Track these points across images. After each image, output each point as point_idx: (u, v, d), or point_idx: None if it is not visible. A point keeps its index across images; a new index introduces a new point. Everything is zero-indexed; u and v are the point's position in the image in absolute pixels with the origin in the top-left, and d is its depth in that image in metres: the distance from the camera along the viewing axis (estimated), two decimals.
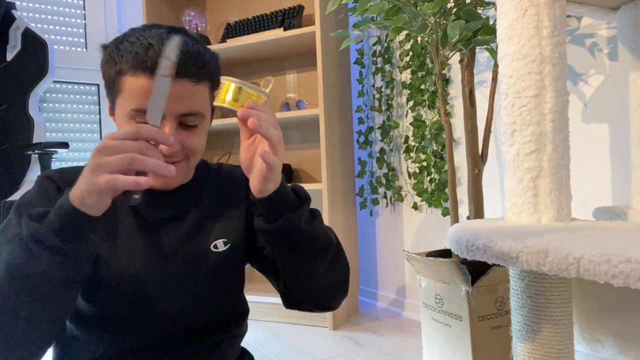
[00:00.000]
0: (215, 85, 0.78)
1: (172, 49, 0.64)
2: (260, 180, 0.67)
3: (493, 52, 1.35)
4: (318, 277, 0.77)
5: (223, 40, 2.24)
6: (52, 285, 0.61)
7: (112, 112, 0.77)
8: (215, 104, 0.66)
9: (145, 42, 0.70)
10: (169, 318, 0.77)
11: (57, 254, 0.59)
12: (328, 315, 1.95)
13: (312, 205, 0.78)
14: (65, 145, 2.00)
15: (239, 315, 0.87)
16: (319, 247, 0.75)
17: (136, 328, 0.76)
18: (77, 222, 0.59)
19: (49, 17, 2.49)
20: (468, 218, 1.39)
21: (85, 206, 0.58)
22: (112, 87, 0.74)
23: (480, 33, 1.22)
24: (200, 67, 0.72)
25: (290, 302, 0.84)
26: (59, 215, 0.59)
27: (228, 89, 0.66)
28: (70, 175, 0.77)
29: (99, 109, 2.60)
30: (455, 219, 1.36)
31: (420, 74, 2.02)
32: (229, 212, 0.84)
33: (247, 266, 0.90)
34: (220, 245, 0.82)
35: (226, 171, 0.89)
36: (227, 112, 0.71)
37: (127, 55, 0.71)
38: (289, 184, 0.74)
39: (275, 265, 0.83)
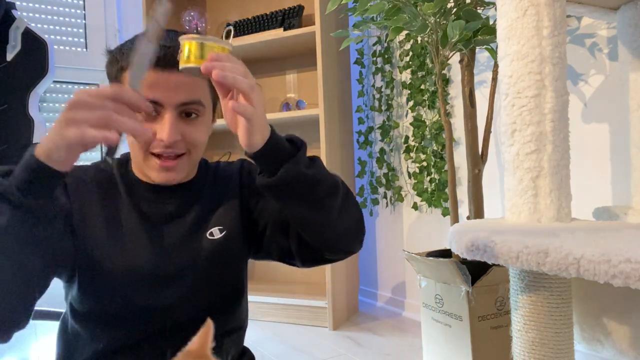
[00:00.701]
0: None
1: (162, 13, 0.62)
2: (245, 134, 0.65)
3: (493, 52, 1.35)
4: (332, 222, 0.75)
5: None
6: (15, 242, 0.59)
7: None
8: (180, 66, 0.64)
9: None
10: (170, 308, 0.78)
11: (18, 208, 0.58)
12: (328, 315, 1.95)
13: None
14: None
15: (236, 297, 0.87)
16: (325, 189, 0.73)
17: (139, 321, 0.78)
18: (40, 175, 0.58)
19: (49, 17, 2.49)
20: (468, 218, 1.39)
21: (51, 160, 0.57)
22: (115, 84, 0.76)
23: (480, 33, 1.22)
24: None
25: (308, 258, 0.82)
26: (23, 169, 0.58)
27: (190, 48, 0.63)
28: (76, 169, 0.80)
29: None
30: (455, 219, 1.36)
31: (420, 74, 2.01)
32: (224, 204, 0.85)
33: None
34: (216, 232, 0.82)
35: (222, 168, 0.91)
36: (195, 74, 0.69)
37: (128, 53, 0.73)
38: (285, 135, 0.72)
39: (281, 239, 0.83)
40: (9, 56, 2.17)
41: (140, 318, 0.77)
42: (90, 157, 2.44)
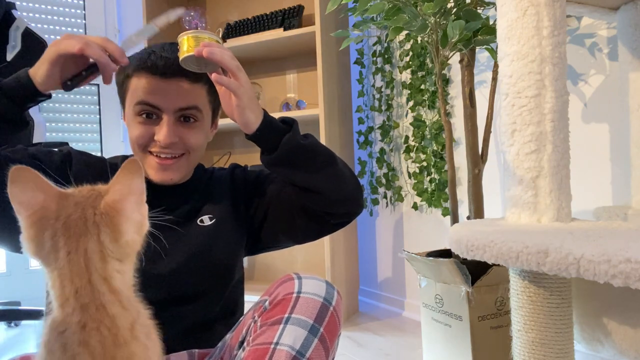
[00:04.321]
0: (213, 87, 0.84)
1: (174, 15, 0.79)
2: (238, 112, 0.75)
3: (493, 52, 1.35)
4: (334, 186, 0.84)
5: (223, 40, 2.24)
6: None
7: (124, 115, 0.86)
8: (180, 59, 0.74)
9: (149, 50, 0.81)
10: (160, 279, 0.81)
11: None
12: None
13: None
14: (65, 145, 2.00)
15: (226, 279, 0.90)
16: (323, 158, 0.83)
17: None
18: (22, 83, 0.69)
19: (49, 17, 2.49)
20: (468, 218, 1.39)
21: (36, 75, 0.69)
22: (121, 91, 0.84)
23: (480, 33, 1.22)
24: None
25: (314, 229, 0.90)
26: (13, 76, 0.70)
27: (186, 41, 0.74)
28: (82, 155, 0.88)
29: (99, 109, 2.60)
30: (455, 219, 1.36)
31: (420, 74, 2.01)
32: (216, 198, 0.92)
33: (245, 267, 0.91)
34: (206, 220, 0.89)
35: (216, 172, 0.98)
36: (192, 62, 0.77)
37: (132, 61, 0.81)
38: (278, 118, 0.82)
39: (283, 220, 0.90)
40: (9, 56, 2.17)
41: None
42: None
